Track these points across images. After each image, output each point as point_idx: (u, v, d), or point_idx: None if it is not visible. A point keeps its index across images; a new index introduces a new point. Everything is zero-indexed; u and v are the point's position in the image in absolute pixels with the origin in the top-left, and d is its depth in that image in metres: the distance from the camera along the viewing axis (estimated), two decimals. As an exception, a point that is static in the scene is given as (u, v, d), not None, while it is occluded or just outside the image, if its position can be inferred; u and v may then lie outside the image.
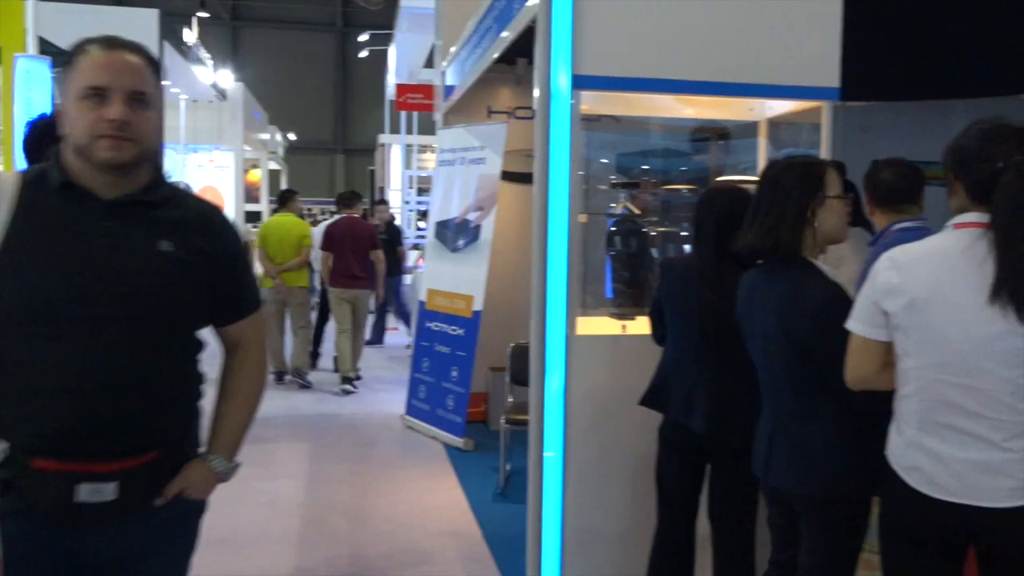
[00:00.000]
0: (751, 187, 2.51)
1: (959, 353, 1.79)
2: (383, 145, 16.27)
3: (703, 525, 2.86)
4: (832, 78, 3.27)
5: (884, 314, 1.90)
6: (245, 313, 1.85)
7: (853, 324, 1.98)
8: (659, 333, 2.93)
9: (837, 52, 3.26)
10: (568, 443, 3.20)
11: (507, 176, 5.84)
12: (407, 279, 9.90)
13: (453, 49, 6.27)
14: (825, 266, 2.26)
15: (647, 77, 3.17)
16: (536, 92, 3.21)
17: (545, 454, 3.20)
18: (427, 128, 11.58)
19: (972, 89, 6.61)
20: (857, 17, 3.31)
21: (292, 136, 25.47)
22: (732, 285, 2.47)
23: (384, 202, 11.05)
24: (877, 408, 2.02)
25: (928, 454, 1.86)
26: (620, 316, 3.79)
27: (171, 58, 11.57)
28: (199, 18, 19.26)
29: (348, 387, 7.38)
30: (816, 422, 2.19)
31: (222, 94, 17.49)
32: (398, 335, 10.42)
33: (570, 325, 3.18)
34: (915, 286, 1.84)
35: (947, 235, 1.87)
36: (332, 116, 27.58)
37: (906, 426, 1.92)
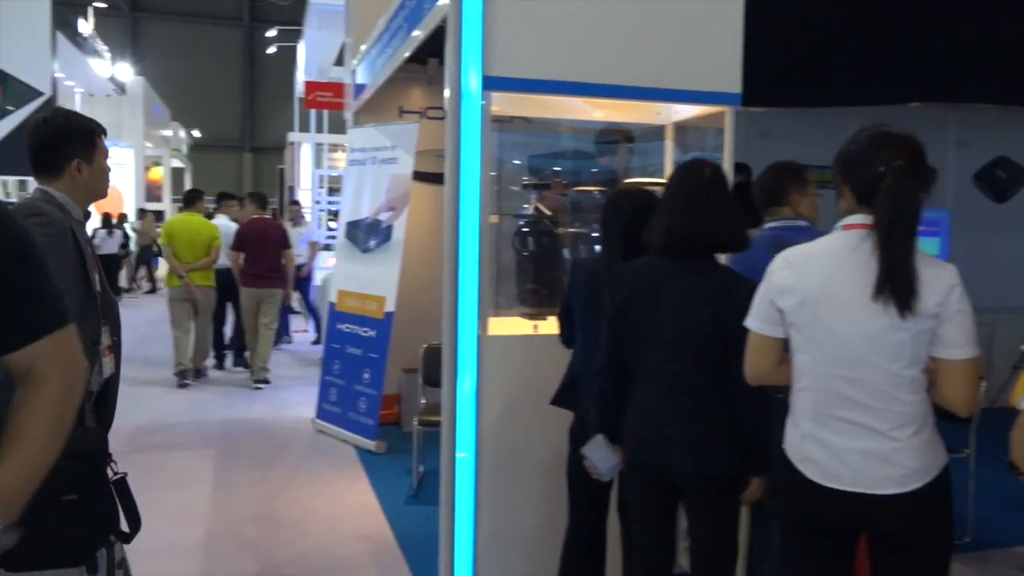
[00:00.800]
0: (657, 188, 2.58)
1: (848, 347, 1.88)
2: (292, 143, 15.94)
3: (614, 521, 2.91)
4: (734, 84, 3.38)
5: (779, 312, 1.99)
6: (36, 334, 1.40)
7: (751, 322, 2.06)
8: (567, 335, 2.96)
9: (739, 59, 3.37)
10: (481, 443, 3.21)
11: (419, 176, 5.81)
12: (316, 280, 9.83)
13: (363, 47, 6.20)
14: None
15: (556, 79, 3.21)
16: (447, 92, 3.21)
17: (458, 455, 3.20)
18: (338, 127, 11.42)
19: (866, 98, 6.95)
20: (758, 27, 3.43)
21: (197, 133, 24.66)
22: None
23: (296, 203, 10.90)
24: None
25: (822, 445, 1.94)
26: (532, 316, 3.82)
27: (65, 50, 11.06)
28: (96, 8, 18.43)
29: (260, 385, 7.62)
30: (730, 404, 2.28)
31: (121, 88, 16.79)
32: (308, 337, 10.24)
33: (482, 326, 3.19)
34: (807, 284, 1.93)
35: (836, 236, 1.97)
36: (239, 113, 26.86)
37: (801, 419, 2.01)
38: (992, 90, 7.06)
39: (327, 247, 10.54)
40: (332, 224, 11.70)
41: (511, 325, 3.70)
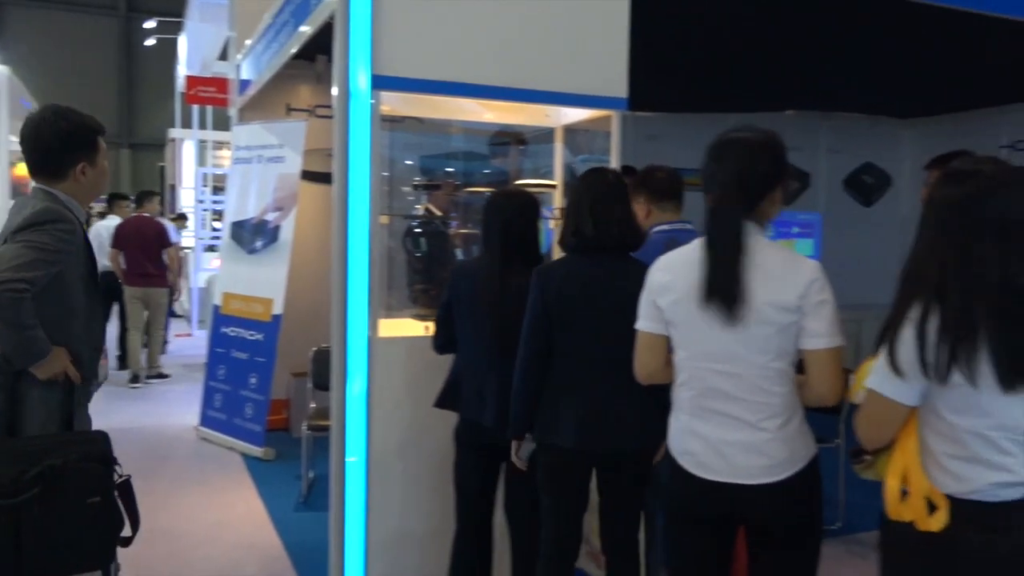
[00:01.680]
0: (539, 190, 2.65)
1: (718, 342, 1.96)
2: (174, 140, 15.28)
3: (500, 520, 2.93)
4: (620, 89, 3.46)
5: (659, 310, 2.07)
6: None
7: (639, 322, 2.14)
8: (441, 340, 2.95)
9: (625, 65, 3.45)
10: (371, 447, 3.17)
11: (307, 176, 5.68)
12: (199, 281, 9.54)
13: (248, 42, 6.01)
14: None
15: (446, 80, 3.20)
16: (335, 91, 3.15)
17: (348, 459, 3.15)
18: (222, 123, 11.04)
19: (745, 105, 7.25)
20: (644, 34, 3.53)
21: (69, 127, 23.31)
22: (518, 285, 2.63)
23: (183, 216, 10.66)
24: None
25: (698, 438, 2.02)
26: (423, 317, 3.80)
27: (-82, 35, 10.25)
28: (-46, -8, 17.18)
29: (137, 384, 7.62)
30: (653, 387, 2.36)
31: (-17, 78, 15.68)
32: (192, 341, 9.85)
33: (372, 327, 3.15)
34: (680, 284, 2.01)
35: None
36: (115, 107, 25.55)
37: (680, 413, 2.09)
38: (860, 101, 7.52)
39: (211, 248, 10.19)
40: (217, 224, 11.32)
41: (402, 327, 3.66)
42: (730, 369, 1.96)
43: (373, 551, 3.19)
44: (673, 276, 2.04)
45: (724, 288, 1.91)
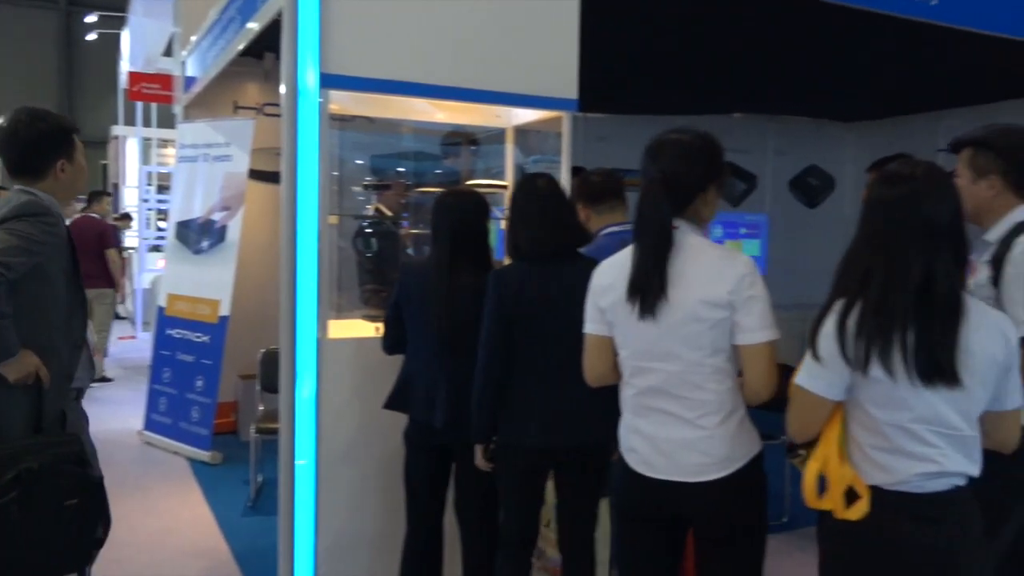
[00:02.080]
0: (488, 190, 2.66)
1: (654, 340, 1.98)
2: (117, 138, 14.90)
3: (450, 521, 2.92)
4: (571, 90, 3.47)
5: (602, 311, 2.09)
6: None
7: (586, 326, 2.16)
8: (390, 341, 2.94)
9: (575, 66, 3.47)
10: (321, 450, 3.13)
11: (255, 175, 5.60)
12: (144, 282, 9.33)
13: (194, 38, 5.89)
14: None
15: (396, 80, 3.18)
16: (283, 89, 3.10)
17: (297, 462, 3.11)
18: (168, 121, 10.80)
19: (694, 107, 7.35)
20: (594, 36, 3.55)
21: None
22: (468, 285, 2.65)
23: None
24: None
25: (641, 436, 2.05)
26: (374, 318, 3.76)
27: None
28: None
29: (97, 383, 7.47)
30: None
31: (-87, 72, 15.11)
32: (135, 343, 9.62)
33: (321, 329, 3.12)
34: (619, 284, 2.03)
35: None
36: (55, 103, 24.80)
37: (625, 411, 2.11)
38: (805, 104, 7.68)
39: (156, 248, 9.98)
40: (162, 224, 11.08)
41: (352, 328, 3.63)
42: (667, 367, 1.98)
43: (322, 555, 3.15)
44: (613, 277, 2.06)
45: (644, 285, 1.95)
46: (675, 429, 1.99)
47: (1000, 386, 1.71)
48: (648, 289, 1.94)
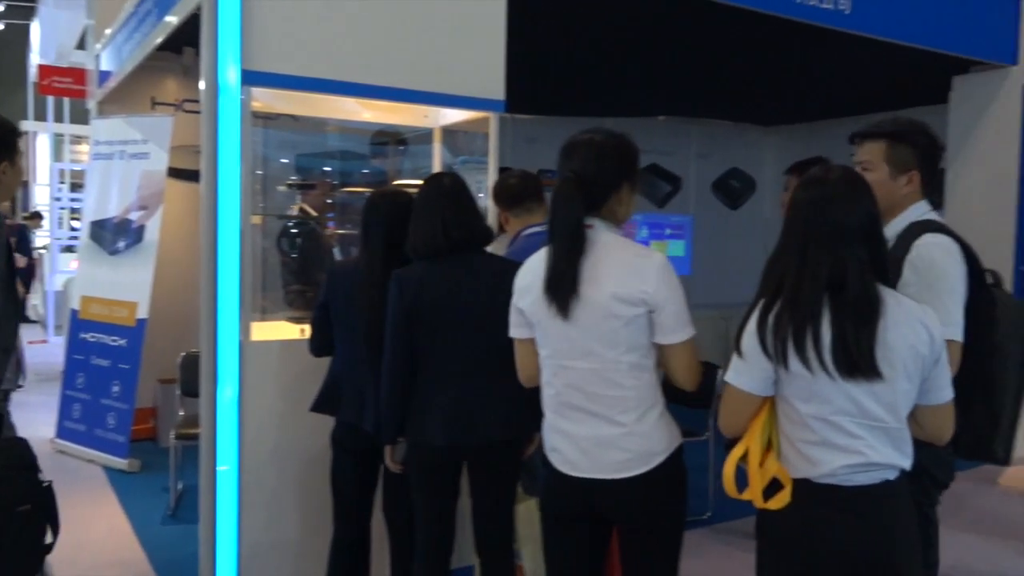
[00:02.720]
0: (414, 191, 2.65)
1: (570, 339, 1.99)
2: (27, 133, 14.29)
3: (378, 524, 2.90)
4: (498, 91, 3.48)
5: (522, 313, 2.10)
6: None
7: (511, 330, 2.17)
8: (317, 343, 2.89)
9: (502, 67, 3.48)
10: (243, 455, 3.06)
11: (174, 173, 5.43)
12: (56, 284, 8.94)
13: (109, 31, 5.68)
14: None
15: (321, 78, 3.13)
16: (202, 85, 3.02)
17: (219, 468, 3.03)
18: (81, 116, 10.39)
19: (619, 109, 7.46)
20: (521, 38, 3.56)
21: (-96, 117, 21.43)
22: None
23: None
24: None
25: (563, 435, 2.05)
26: (298, 320, 3.70)
27: None
28: None
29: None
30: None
31: None
32: (47, 348, 9.23)
33: (244, 331, 3.05)
34: (537, 284, 2.04)
35: None
36: (-41, 96, 23.65)
37: (547, 410, 2.11)
38: (728, 108, 7.88)
39: (69, 248, 9.59)
40: (75, 223, 10.66)
41: (276, 330, 3.56)
42: (584, 365, 1.99)
43: (246, 562, 3.08)
44: (531, 278, 2.06)
45: (558, 284, 1.96)
46: (595, 427, 2.00)
47: (929, 379, 1.76)
48: (561, 288, 1.96)
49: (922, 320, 1.74)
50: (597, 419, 2.00)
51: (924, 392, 1.77)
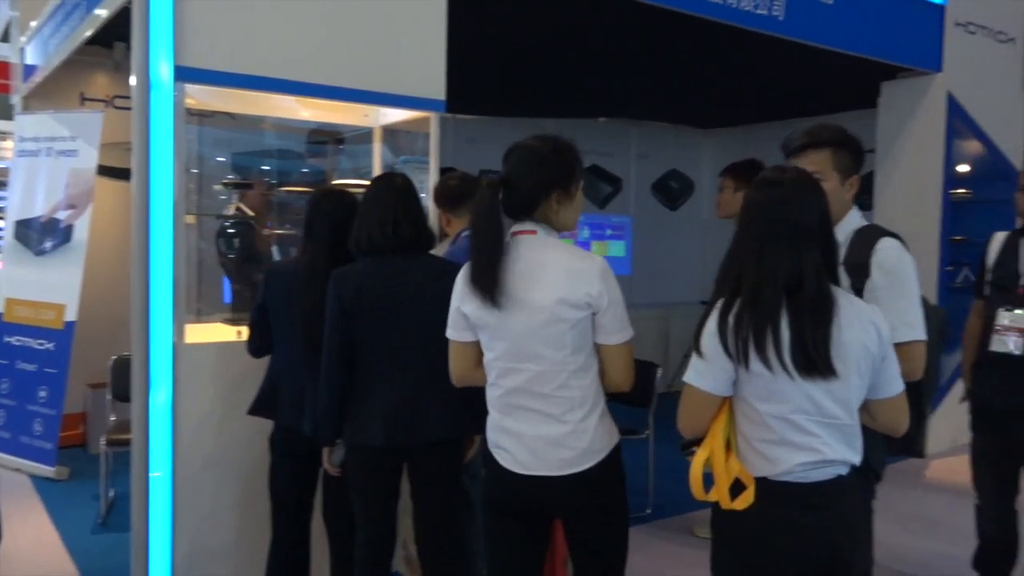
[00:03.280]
0: (359, 191, 2.62)
1: (520, 343, 2.02)
2: (-54, 128, 13.70)
3: (318, 529, 2.86)
4: (438, 91, 3.46)
5: (464, 316, 2.10)
6: None
7: (448, 331, 2.18)
8: (256, 343, 2.85)
9: (443, 67, 3.46)
10: (178, 460, 2.99)
11: (104, 171, 5.27)
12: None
13: (35, 23, 5.48)
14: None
15: (257, 75, 3.07)
16: (133, 81, 2.94)
17: (151, 475, 2.95)
18: (5, 112, 9.99)
19: (560, 111, 7.50)
20: (462, 38, 3.56)
21: None
22: None
23: None
24: None
25: (509, 434, 2.08)
26: (235, 322, 3.63)
27: None
28: None
29: None
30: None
31: None
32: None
33: (178, 333, 2.97)
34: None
35: (511, 242, 2.12)
36: None
37: (493, 410, 2.13)
38: (666, 110, 7.99)
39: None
40: (-1, 223, 10.26)
41: (212, 332, 3.48)
42: (532, 367, 2.02)
43: (180, 571, 3.01)
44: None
45: (480, 284, 2.01)
46: (542, 426, 2.03)
47: (878, 375, 1.80)
48: (484, 287, 2.00)
49: (872, 319, 1.79)
50: (544, 418, 2.03)
51: (876, 387, 1.81)
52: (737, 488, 1.83)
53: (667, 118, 8.38)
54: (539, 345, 2.00)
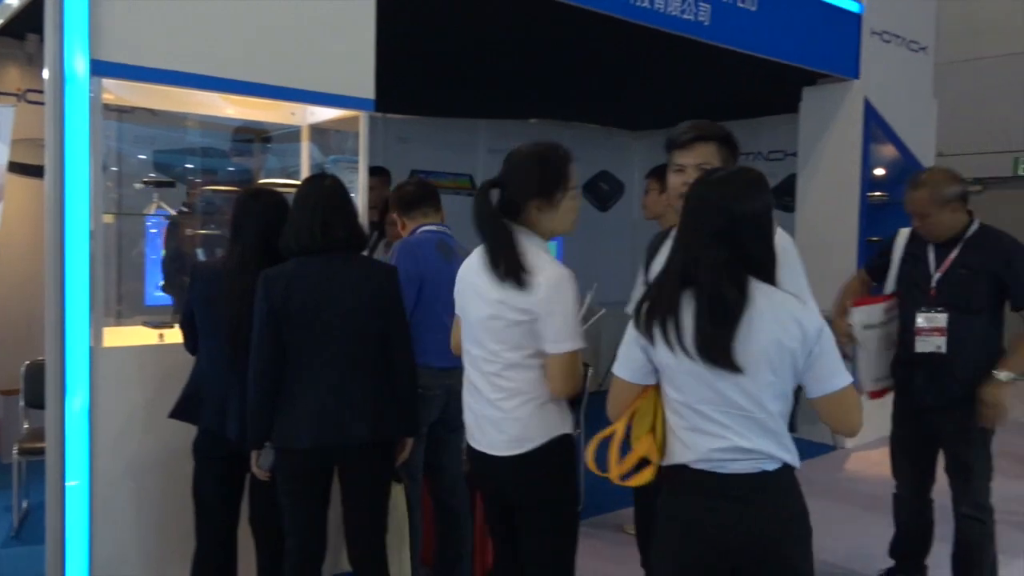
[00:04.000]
0: (287, 190, 2.60)
1: (472, 329, 2.20)
2: None
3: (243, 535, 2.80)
4: (367, 89, 3.42)
5: (459, 295, 2.28)
6: None
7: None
8: (191, 342, 2.80)
9: (371, 65, 3.42)
10: (96, 469, 2.88)
11: (16, 168, 5.04)
12: None
13: (-60, 12, 5.22)
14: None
15: (178, 70, 2.98)
16: (46, 75, 2.82)
17: (67, 484, 2.84)
18: (-91, 105, 9.48)
19: (492, 112, 7.51)
20: (392, 37, 3.52)
21: None
22: None
23: None
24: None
25: (468, 409, 2.25)
26: (157, 324, 3.52)
27: None
28: None
29: None
30: (392, 375, 2.53)
31: None
32: None
33: (95, 337, 2.87)
34: (462, 277, 2.26)
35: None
36: None
37: (462, 388, 2.31)
38: (597, 112, 8.07)
39: None
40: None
41: (133, 335, 3.37)
42: (476, 351, 2.20)
43: (99, 583, 2.90)
44: (464, 270, 2.26)
45: (492, 262, 2.13)
46: (484, 407, 2.18)
47: (808, 372, 1.79)
48: (497, 266, 2.11)
49: (794, 315, 1.78)
50: (484, 400, 2.18)
51: (811, 383, 1.82)
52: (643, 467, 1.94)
53: (598, 120, 8.47)
54: (482, 333, 2.16)
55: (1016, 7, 9.78)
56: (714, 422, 1.81)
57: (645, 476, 1.92)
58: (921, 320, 3.13)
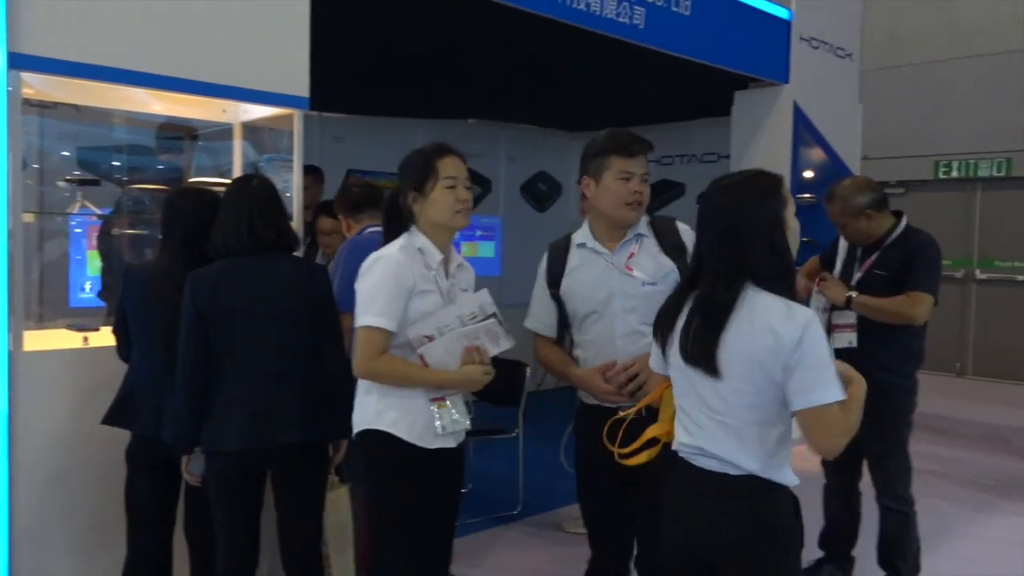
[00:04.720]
0: (218, 189, 2.56)
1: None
2: None
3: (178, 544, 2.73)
4: (302, 87, 3.36)
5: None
6: None
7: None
8: (125, 349, 2.73)
9: (306, 63, 3.36)
10: (15, 479, 2.76)
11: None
12: None
13: None
14: None
15: (102, 65, 2.87)
16: (-39, 67, 2.70)
17: (-15, 496, 2.71)
18: None
19: (429, 111, 7.47)
20: (327, 35, 3.47)
21: None
22: None
23: None
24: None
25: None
26: (81, 327, 3.40)
27: None
28: None
29: None
30: (325, 378, 2.55)
31: None
32: None
33: (15, 341, 2.75)
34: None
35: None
36: None
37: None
38: (535, 113, 8.11)
39: None
40: None
41: (56, 338, 3.24)
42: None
43: (19, 599, 2.78)
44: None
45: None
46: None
47: (785, 384, 1.75)
48: None
49: (770, 324, 1.74)
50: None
51: (790, 394, 1.76)
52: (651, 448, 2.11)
53: (536, 121, 8.50)
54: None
55: (937, 18, 10.18)
56: (691, 420, 1.90)
57: (642, 458, 2.09)
58: (838, 318, 3.26)
